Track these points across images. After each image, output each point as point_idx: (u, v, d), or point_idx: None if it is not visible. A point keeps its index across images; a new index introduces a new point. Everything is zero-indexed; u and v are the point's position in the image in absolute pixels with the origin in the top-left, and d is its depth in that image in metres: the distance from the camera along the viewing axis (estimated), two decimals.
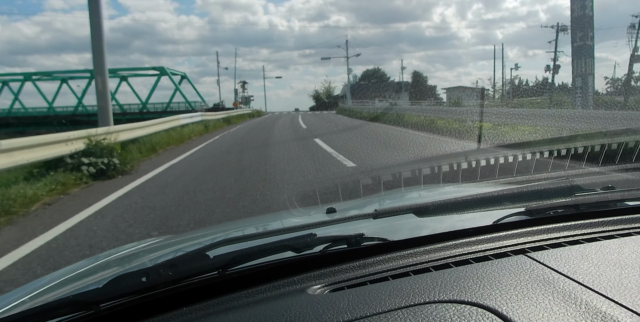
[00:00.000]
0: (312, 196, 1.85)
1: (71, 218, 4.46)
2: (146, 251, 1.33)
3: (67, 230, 4.04)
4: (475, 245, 0.86)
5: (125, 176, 7.15)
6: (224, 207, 4.53)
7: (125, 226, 4.03)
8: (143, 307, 0.73)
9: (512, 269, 0.74)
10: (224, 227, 1.86)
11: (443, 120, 15.52)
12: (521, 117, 11.33)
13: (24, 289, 1.06)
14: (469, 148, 8.77)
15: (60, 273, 1.17)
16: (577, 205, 1.00)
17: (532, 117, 10.88)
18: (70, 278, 1.07)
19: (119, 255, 1.31)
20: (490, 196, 1.06)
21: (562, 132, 8.51)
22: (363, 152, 9.23)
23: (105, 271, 1.12)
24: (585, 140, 5.01)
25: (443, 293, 0.66)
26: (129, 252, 1.34)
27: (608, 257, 0.77)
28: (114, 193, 5.66)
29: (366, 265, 0.80)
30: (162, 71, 43.76)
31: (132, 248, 1.40)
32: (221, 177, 6.43)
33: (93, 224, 4.22)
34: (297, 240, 0.81)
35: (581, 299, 0.62)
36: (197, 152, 10.46)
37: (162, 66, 44.49)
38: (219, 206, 4.59)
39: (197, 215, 4.24)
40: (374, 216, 0.94)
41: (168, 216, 4.27)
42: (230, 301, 0.72)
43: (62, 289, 0.97)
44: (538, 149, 2.58)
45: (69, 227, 4.12)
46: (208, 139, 14.32)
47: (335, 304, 0.65)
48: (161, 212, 4.47)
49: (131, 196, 5.49)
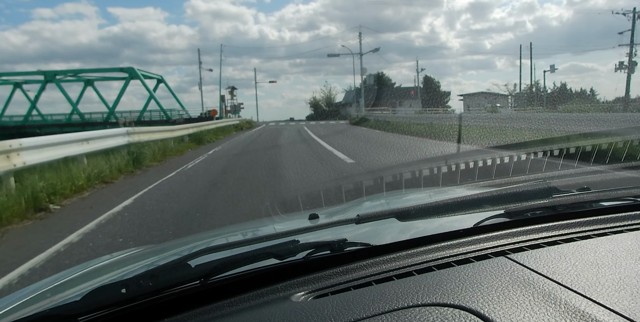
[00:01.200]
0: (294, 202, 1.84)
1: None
2: (126, 261, 1.31)
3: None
4: (456, 248, 0.87)
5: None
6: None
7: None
8: (123, 319, 0.72)
9: (492, 271, 0.75)
10: (205, 235, 1.84)
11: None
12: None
13: (1, 302, 1.03)
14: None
15: (37, 286, 1.13)
16: (555, 206, 1.02)
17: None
18: (47, 291, 1.04)
19: (98, 266, 1.28)
20: (470, 198, 1.07)
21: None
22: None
23: (84, 283, 1.10)
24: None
25: (426, 296, 0.67)
26: (108, 262, 1.31)
27: (585, 257, 0.79)
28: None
29: (349, 270, 0.80)
30: (132, 73, 34.45)
31: (111, 259, 1.37)
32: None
33: None
34: (280, 247, 0.81)
35: (560, 298, 0.63)
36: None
37: (131, 67, 34.97)
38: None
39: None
40: (356, 221, 0.94)
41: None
42: (213, 310, 0.71)
43: (39, 303, 0.95)
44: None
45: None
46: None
47: (320, 310, 0.65)
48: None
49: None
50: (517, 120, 13.54)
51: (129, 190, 6.36)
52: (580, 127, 8.87)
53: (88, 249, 3.63)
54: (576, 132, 8.41)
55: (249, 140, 17.33)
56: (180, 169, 8.61)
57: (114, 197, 5.82)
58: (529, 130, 11.21)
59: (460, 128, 11.37)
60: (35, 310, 0.84)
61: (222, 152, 12.00)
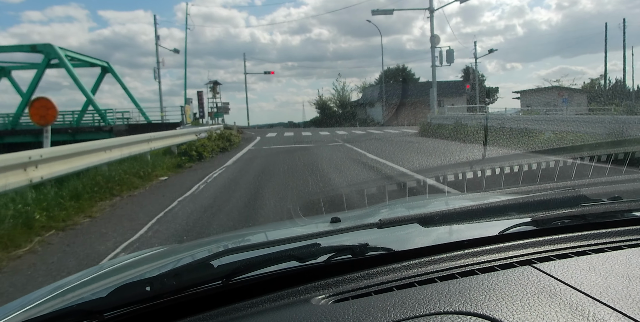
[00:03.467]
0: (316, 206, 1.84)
1: None
2: (150, 259, 1.33)
3: None
4: (480, 255, 0.85)
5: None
6: None
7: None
8: (147, 316, 0.73)
9: (518, 280, 0.73)
10: (227, 236, 1.86)
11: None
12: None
13: (28, 297, 1.06)
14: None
15: (65, 282, 1.17)
16: (584, 215, 0.99)
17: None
18: (74, 287, 1.07)
19: (123, 264, 1.31)
20: (496, 205, 1.05)
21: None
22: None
23: (109, 280, 1.12)
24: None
25: (448, 304, 0.65)
26: (133, 261, 1.34)
27: (616, 268, 0.76)
28: None
29: (371, 275, 0.79)
30: (49, 52, 21.81)
31: (136, 257, 1.40)
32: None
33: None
34: (302, 250, 0.81)
35: (589, 311, 0.61)
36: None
37: (48, 44, 22.15)
38: None
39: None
40: (378, 226, 0.93)
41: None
42: (234, 311, 0.71)
43: (65, 298, 0.97)
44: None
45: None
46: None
47: (340, 314, 0.65)
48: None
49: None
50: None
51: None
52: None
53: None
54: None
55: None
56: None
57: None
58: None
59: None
60: (61, 304, 0.86)
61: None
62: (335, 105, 48.78)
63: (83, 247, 4.23)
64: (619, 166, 2.51)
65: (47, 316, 0.72)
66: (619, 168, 2.45)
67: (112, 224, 5.06)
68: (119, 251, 4.00)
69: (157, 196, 6.68)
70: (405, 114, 37.23)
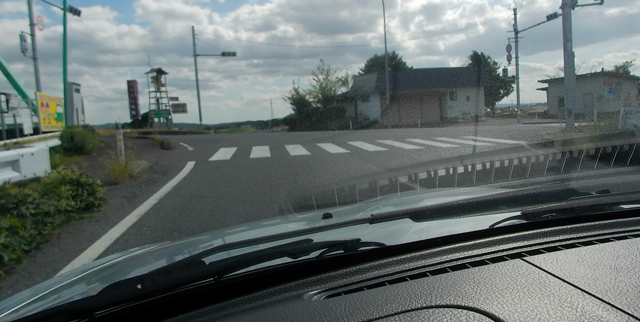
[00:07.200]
0: (308, 201, 1.84)
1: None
2: (141, 257, 1.32)
3: None
4: (471, 249, 0.86)
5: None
6: None
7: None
8: (138, 314, 0.73)
9: (508, 273, 0.74)
10: (219, 233, 1.85)
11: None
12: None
13: (18, 296, 1.05)
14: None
15: (55, 281, 1.16)
16: (573, 208, 1.00)
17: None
18: (64, 285, 1.06)
19: (113, 262, 1.30)
20: (486, 199, 1.06)
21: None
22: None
23: (99, 279, 1.11)
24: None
25: (440, 298, 0.66)
26: (123, 258, 1.33)
27: (604, 260, 0.77)
28: None
29: (363, 270, 0.80)
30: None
31: (126, 255, 1.39)
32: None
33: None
34: (294, 246, 0.81)
35: (578, 302, 0.62)
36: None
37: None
38: None
39: None
40: (370, 221, 0.93)
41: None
42: (227, 307, 0.71)
43: (55, 297, 0.96)
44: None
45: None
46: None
47: (332, 310, 0.65)
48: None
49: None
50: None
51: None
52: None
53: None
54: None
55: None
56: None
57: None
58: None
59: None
60: (52, 304, 0.85)
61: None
62: (317, 100, 38.64)
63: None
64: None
65: (37, 316, 0.71)
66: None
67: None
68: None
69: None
70: (411, 110, 29.96)
